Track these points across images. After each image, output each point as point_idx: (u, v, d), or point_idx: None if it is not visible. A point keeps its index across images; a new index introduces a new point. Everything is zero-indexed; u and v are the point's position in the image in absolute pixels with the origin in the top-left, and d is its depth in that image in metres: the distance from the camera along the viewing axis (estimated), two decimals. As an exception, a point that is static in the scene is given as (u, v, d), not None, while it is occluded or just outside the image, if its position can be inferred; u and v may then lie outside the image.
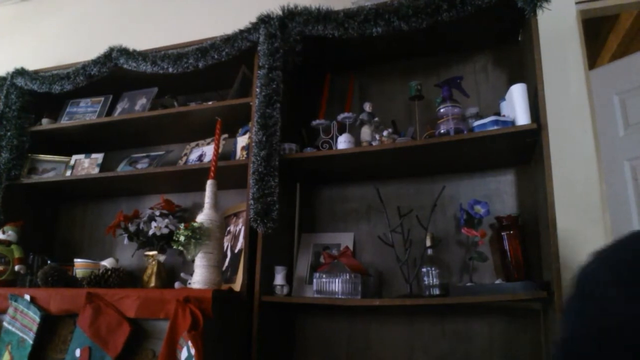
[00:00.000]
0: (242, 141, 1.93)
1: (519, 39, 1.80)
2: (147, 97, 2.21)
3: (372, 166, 1.83)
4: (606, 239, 1.62)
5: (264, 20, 1.81)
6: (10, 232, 2.07)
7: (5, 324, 1.67)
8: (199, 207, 1.87)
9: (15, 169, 2.16)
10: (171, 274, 2.04)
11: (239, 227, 1.92)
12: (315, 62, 1.98)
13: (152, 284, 1.89)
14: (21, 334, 1.63)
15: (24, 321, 1.64)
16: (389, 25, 1.63)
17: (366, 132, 1.78)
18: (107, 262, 1.99)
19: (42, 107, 2.32)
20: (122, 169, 2.18)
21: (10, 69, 2.29)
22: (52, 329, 1.63)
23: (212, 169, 1.75)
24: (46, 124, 2.27)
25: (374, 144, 1.70)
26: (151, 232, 1.94)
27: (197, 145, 2.14)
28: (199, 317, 1.37)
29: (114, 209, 2.30)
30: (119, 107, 2.25)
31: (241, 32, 1.86)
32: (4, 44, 3.00)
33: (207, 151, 2.05)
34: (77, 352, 1.49)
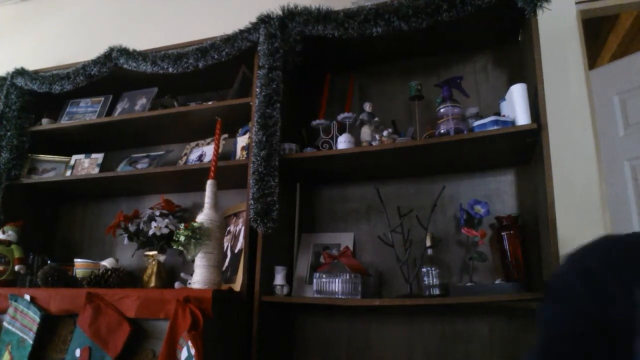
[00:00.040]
0: (242, 141, 1.93)
1: (519, 39, 1.80)
2: (147, 97, 2.21)
3: (372, 166, 1.83)
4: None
5: (264, 20, 1.81)
6: (10, 232, 2.07)
7: (5, 324, 1.67)
8: (199, 207, 1.87)
9: (15, 169, 2.16)
10: (171, 274, 2.04)
11: (239, 227, 1.92)
12: (315, 62, 1.98)
13: (152, 284, 1.89)
14: (21, 334, 1.63)
15: (24, 321, 1.64)
16: (389, 25, 1.63)
17: (366, 132, 1.78)
18: (107, 262, 1.99)
19: (42, 107, 2.32)
20: (122, 169, 2.18)
21: (10, 69, 2.29)
22: (52, 329, 1.63)
23: (212, 169, 1.75)
24: (46, 124, 2.27)
25: (374, 144, 1.70)
26: (151, 232, 1.94)
27: (197, 145, 2.14)
28: (199, 317, 1.37)
29: (114, 209, 2.30)
30: (119, 107, 2.25)
31: (241, 32, 1.86)
32: (4, 44, 3.00)
33: (207, 151, 2.05)
34: (77, 352, 1.49)
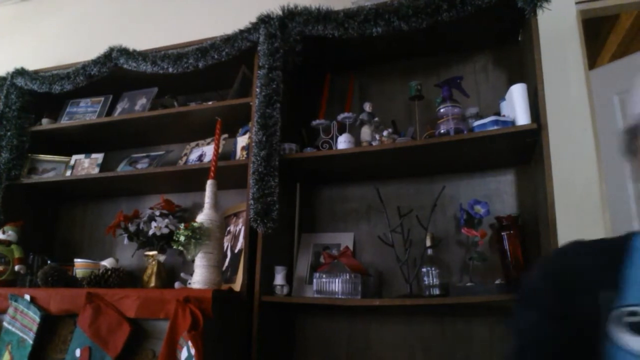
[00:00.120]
0: (242, 141, 1.93)
1: (519, 39, 1.80)
2: (147, 97, 2.21)
3: (372, 166, 1.83)
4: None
5: (264, 20, 1.81)
6: (10, 232, 2.07)
7: (5, 324, 1.67)
8: (199, 207, 1.87)
9: (15, 169, 2.16)
10: (171, 274, 2.04)
11: (239, 227, 1.92)
12: (315, 62, 1.98)
13: (152, 284, 1.89)
14: (21, 334, 1.63)
15: (24, 321, 1.64)
16: (389, 25, 1.63)
17: (366, 132, 1.78)
18: (107, 262, 1.99)
19: (42, 107, 2.32)
20: (122, 169, 2.18)
21: (10, 69, 2.29)
22: (52, 329, 1.63)
23: (212, 169, 1.75)
24: (46, 124, 2.27)
25: (374, 144, 1.70)
26: (151, 232, 1.94)
27: (197, 145, 2.14)
28: (199, 317, 1.37)
29: (114, 209, 2.30)
30: (119, 107, 2.25)
31: (241, 32, 1.86)
32: (4, 44, 3.00)
33: (207, 151, 2.05)
34: (77, 352, 1.49)
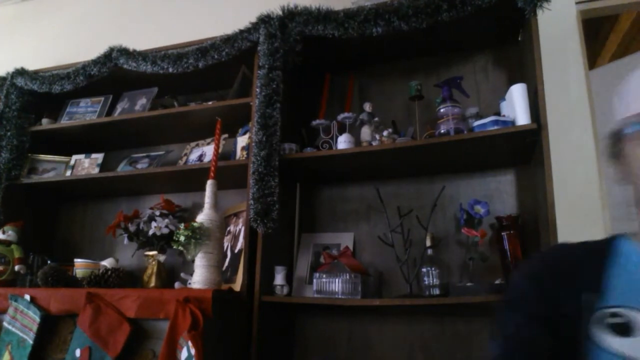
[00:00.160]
0: (242, 141, 1.93)
1: (519, 39, 1.80)
2: (147, 97, 2.21)
3: (372, 166, 1.83)
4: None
5: (264, 20, 1.81)
6: (10, 232, 2.07)
7: (5, 324, 1.67)
8: (199, 207, 1.87)
9: (15, 169, 2.16)
10: (171, 274, 2.04)
11: (239, 227, 1.92)
12: (315, 62, 1.98)
13: (152, 284, 1.89)
14: (21, 334, 1.63)
15: (24, 321, 1.64)
16: (389, 25, 1.63)
17: (366, 132, 1.78)
18: (107, 262, 1.99)
19: (42, 107, 2.32)
20: (122, 169, 2.18)
21: (10, 69, 2.29)
22: (52, 329, 1.63)
23: (212, 169, 1.75)
24: (46, 124, 2.27)
25: (374, 144, 1.70)
26: (151, 232, 1.94)
27: (197, 145, 2.14)
28: (199, 317, 1.37)
29: (114, 209, 2.30)
30: (119, 107, 2.25)
31: (241, 32, 1.86)
32: (4, 44, 3.00)
33: (207, 151, 2.05)
34: (77, 352, 1.49)
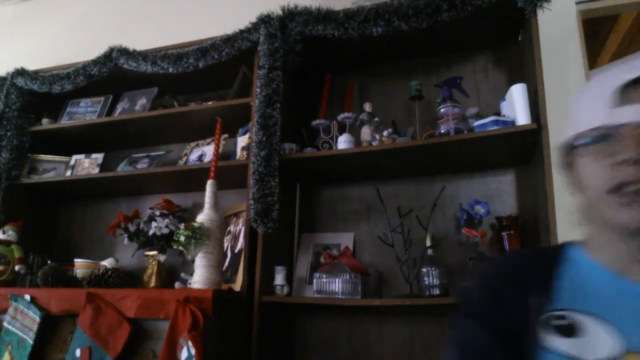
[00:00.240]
0: (242, 141, 1.93)
1: (519, 39, 1.80)
2: (147, 97, 2.21)
3: (372, 166, 1.83)
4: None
5: (264, 20, 1.81)
6: (10, 232, 2.07)
7: (5, 324, 1.67)
8: (199, 207, 1.87)
9: (15, 169, 2.16)
10: (171, 274, 2.04)
11: (239, 227, 1.92)
12: (315, 62, 1.98)
13: (152, 284, 1.89)
14: (21, 334, 1.63)
15: (24, 321, 1.64)
16: (389, 25, 1.63)
17: (366, 132, 1.78)
18: (107, 262, 1.99)
19: (42, 107, 2.32)
20: (122, 169, 2.18)
21: (10, 69, 2.29)
22: (52, 329, 1.63)
23: (212, 169, 1.75)
24: (46, 124, 2.27)
25: (374, 144, 1.70)
26: (151, 232, 1.94)
27: (197, 145, 2.14)
28: (199, 317, 1.38)
29: (114, 209, 2.30)
30: (119, 107, 2.25)
31: (241, 32, 1.86)
32: (4, 44, 3.00)
33: (207, 151, 2.05)
34: (77, 352, 1.49)
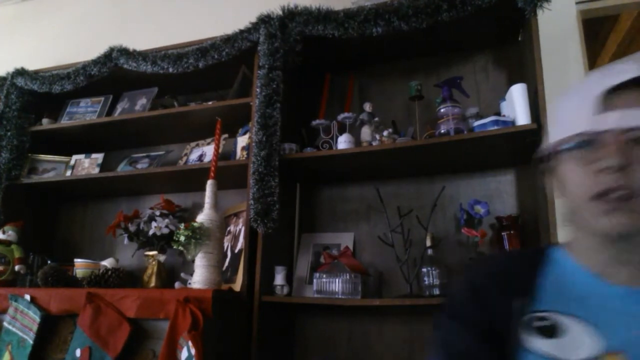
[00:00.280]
0: (242, 141, 1.93)
1: (519, 39, 1.80)
2: (147, 97, 2.21)
3: (372, 166, 1.83)
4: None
5: (264, 20, 1.81)
6: (10, 232, 2.07)
7: (5, 324, 1.67)
8: (199, 207, 1.87)
9: (15, 169, 2.16)
10: (171, 274, 2.04)
11: (239, 227, 1.92)
12: (315, 62, 1.98)
13: (152, 284, 1.89)
14: (21, 334, 1.63)
15: (24, 321, 1.64)
16: (389, 25, 1.63)
17: (366, 132, 1.78)
18: (107, 262, 1.99)
19: (42, 107, 2.32)
20: (122, 169, 2.18)
21: (10, 69, 2.29)
22: (52, 329, 1.63)
23: (212, 169, 1.75)
24: (46, 124, 2.27)
25: (374, 144, 1.70)
26: (151, 232, 1.94)
27: (197, 145, 2.14)
28: (199, 317, 1.38)
29: (114, 209, 2.30)
30: (119, 107, 2.25)
31: (241, 32, 1.86)
32: (4, 44, 3.00)
33: (207, 151, 2.05)
34: (78, 352, 1.49)
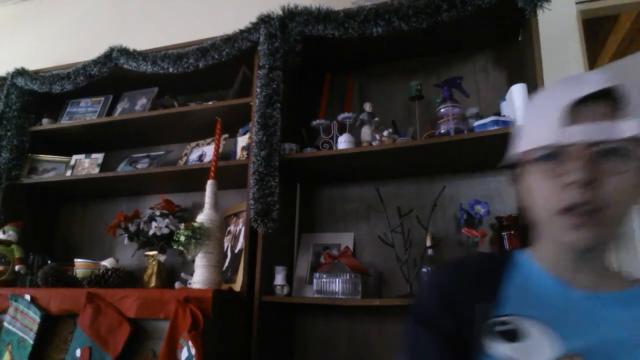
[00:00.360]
0: (242, 141, 1.93)
1: (519, 39, 1.80)
2: (147, 97, 2.21)
3: (372, 166, 1.83)
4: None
5: (264, 20, 1.81)
6: (10, 232, 2.07)
7: (5, 324, 1.67)
8: (199, 207, 1.87)
9: (15, 169, 2.16)
10: (171, 274, 2.04)
11: (239, 227, 1.92)
12: (315, 62, 1.98)
13: (152, 284, 1.89)
14: (21, 334, 1.63)
15: (24, 321, 1.64)
16: (389, 25, 1.63)
17: (366, 132, 1.78)
18: (107, 262, 1.99)
19: (42, 107, 2.32)
20: (122, 169, 2.18)
21: (10, 69, 2.29)
22: (52, 329, 1.63)
23: (212, 169, 1.75)
24: (46, 124, 2.27)
25: (374, 144, 1.70)
26: (151, 232, 1.94)
27: (197, 145, 2.14)
28: (199, 317, 1.38)
29: (114, 209, 2.30)
30: (119, 107, 2.25)
31: (241, 32, 1.86)
32: (4, 44, 3.00)
33: (207, 151, 2.05)
34: (78, 352, 1.49)
